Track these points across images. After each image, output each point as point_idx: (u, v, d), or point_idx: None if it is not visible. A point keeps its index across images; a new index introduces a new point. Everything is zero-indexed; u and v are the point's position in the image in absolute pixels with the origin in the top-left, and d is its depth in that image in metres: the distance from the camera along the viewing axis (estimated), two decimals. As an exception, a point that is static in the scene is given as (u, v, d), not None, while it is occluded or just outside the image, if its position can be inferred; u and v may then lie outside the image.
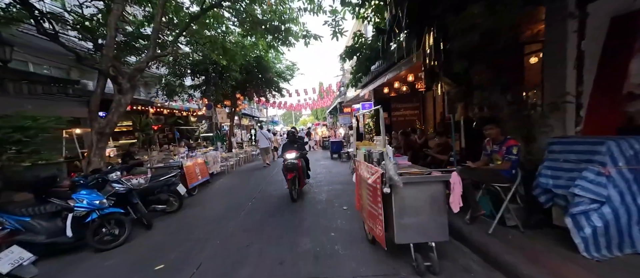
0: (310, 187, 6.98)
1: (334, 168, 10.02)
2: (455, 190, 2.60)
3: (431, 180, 2.69)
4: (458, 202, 2.62)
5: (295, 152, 5.82)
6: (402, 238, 2.73)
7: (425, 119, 10.54)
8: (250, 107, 26.55)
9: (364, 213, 3.48)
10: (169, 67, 12.55)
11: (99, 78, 6.49)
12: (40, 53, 8.41)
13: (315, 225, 4.24)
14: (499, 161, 3.25)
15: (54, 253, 3.66)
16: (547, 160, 3.04)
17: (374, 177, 2.84)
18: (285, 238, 3.80)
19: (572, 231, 2.62)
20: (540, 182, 2.99)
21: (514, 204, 3.27)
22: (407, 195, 2.69)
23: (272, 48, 9.60)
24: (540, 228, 3.17)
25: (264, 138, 12.59)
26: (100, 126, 6.27)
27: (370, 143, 4.09)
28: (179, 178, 6.17)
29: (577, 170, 2.71)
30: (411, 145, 6.52)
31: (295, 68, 16.21)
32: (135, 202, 4.41)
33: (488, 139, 3.46)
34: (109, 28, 6.26)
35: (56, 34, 5.85)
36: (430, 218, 2.70)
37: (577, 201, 2.63)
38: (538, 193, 3.08)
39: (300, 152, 6.03)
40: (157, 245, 3.92)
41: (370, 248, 3.31)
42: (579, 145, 2.81)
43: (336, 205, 5.24)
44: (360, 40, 6.83)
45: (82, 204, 3.63)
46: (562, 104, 3.38)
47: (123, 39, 8.79)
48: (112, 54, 6.43)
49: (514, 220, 3.24)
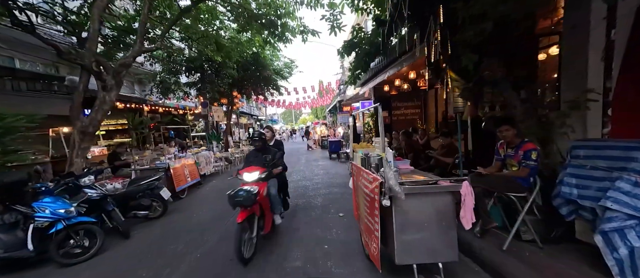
0: (305, 191, 6.58)
1: (332, 169, 9.64)
2: (466, 202, 2.22)
3: (438, 190, 2.30)
4: (470, 217, 2.24)
5: (259, 171, 3.53)
6: (403, 257, 2.34)
7: (427, 118, 10.19)
8: (249, 106, 26.20)
9: (361, 224, 3.10)
10: (163, 64, 12.20)
11: (82, 74, 6.12)
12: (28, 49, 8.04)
13: (309, 236, 3.86)
14: (515, 167, 2.86)
15: (13, 269, 3.28)
16: (570, 167, 2.65)
17: (371, 186, 2.46)
18: (274, 254, 3.41)
19: (604, 251, 2.23)
20: (563, 192, 2.60)
21: (530, 216, 2.88)
22: (411, 208, 2.30)
23: (268, 44, 9.21)
24: (562, 244, 2.78)
25: None
26: (83, 125, 5.91)
27: (369, 145, 3.70)
28: (165, 181, 5.80)
29: (609, 179, 2.32)
30: (413, 147, 6.13)
31: (294, 66, 15.88)
32: (110, 209, 4.03)
33: (502, 141, 3.06)
34: (92, 21, 5.89)
35: (33, 26, 5.47)
36: (437, 234, 2.32)
37: (609, 216, 2.24)
38: (559, 204, 2.69)
39: (269, 171, 3.67)
40: (131, 257, 3.53)
41: (367, 266, 2.92)
42: (610, 149, 2.42)
43: (332, 211, 4.86)
44: (359, 34, 6.42)
45: (45, 214, 3.24)
46: (585, 102, 2.99)
47: (112, 33, 8.42)
48: (95, 48, 6.07)
49: (530, 233, 2.86)
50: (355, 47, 6.43)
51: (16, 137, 4.23)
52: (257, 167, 3.62)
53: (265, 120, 33.23)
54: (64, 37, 8.21)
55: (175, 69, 12.47)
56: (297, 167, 10.70)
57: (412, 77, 7.74)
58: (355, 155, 3.44)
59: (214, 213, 5.18)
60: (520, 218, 2.76)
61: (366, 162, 2.94)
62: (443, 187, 2.29)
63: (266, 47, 11.40)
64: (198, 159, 8.05)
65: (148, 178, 4.87)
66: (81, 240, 3.49)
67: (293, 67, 15.77)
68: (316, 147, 18.71)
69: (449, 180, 2.37)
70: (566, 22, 3.36)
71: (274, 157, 3.87)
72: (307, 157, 14.15)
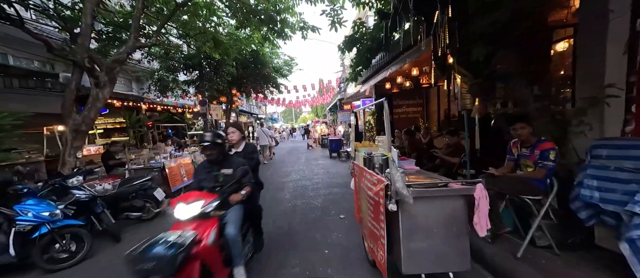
0: (305, 191, 6.38)
1: (332, 169, 9.45)
2: (481, 207, 2.02)
3: (449, 194, 2.10)
4: (485, 224, 2.03)
5: (204, 200, 2.31)
6: (411, 266, 2.14)
7: (429, 117, 10.00)
8: (248, 104, 25.98)
9: (364, 228, 2.90)
10: (161, 62, 12.01)
11: (74, 70, 5.93)
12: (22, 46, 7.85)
13: (308, 239, 3.66)
14: (530, 168, 2.66)
15: (-5, 275, 3.10)
16: (590, 167, 2.44)
17: (375, 189, 2.26)
18: (272, 258, 3.21)
19: (631, 260, 2.03)
20: (582, 195, 2.40)
21: (545, 220, 2.68)
22: (418, 213, 2.10)
23: (267, 41, 9.00)
24: (580, 251, 2.59)
25: (264, 135, 12.22)
26: (76, 123, 5.72)
27: (371, 144, 3.50)
28: (161, 180, 5.62)
29: (636, 181, 2.12)
30: (416, 146, 5.93)
31: (294, 63, 15.66)
32: (100, 210, 3.83)
33: (515, 140, 2.86)
34: (84, 15, 5.68)
35: (21, 20, 5.27)
36: (448, 241, 2.12)
37: (637, 222, 2.04)
38: (577, 208, 2.49)
39: (223, 199, 2.41)
40: (120, 263, 3.34)
41: (371, 272, 2.73)
42: (638, 149, 2.22)
43: (333, 212, 4.67)
44: (360, 29, 6.22)
45: (27, 217, 3.05)
46: (605, 97, 2.78)
47: (106, 29, 8.22)
48: (88, 43, 5.86)
49: (546, 239, 2.66)
50: (357, 43, 6.24)
51: (4, 136, 4.04)
52: (204, 194, 2.34)
53: (264, 119, 32.99)
54: (59, 33, 8.01)
55: (173, 67, 12.28)
56: (297, 166, 10.52)
57: (415, 73, 7.54)
58: (357, 154, 3.25)
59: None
60: (536, 223, 2.56)
61: (369, 162, 2.74)
62: (454, 190, 2.09)
63: (265, 44, 11.21)
64: (195, 158, 7.85)
65: (141, 178, 4.68)
66: (67, 244, 3.29)
67: (293, 64, 15.56)
68: (316, 145, 18.52)
69: (461, 182, 2.16)
70: (582, 12, 3.16)
71: (236, 175, 2.49)
72: (307, 155, 13.97)
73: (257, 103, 27.91)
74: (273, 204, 5.40)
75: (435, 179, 2.38)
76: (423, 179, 2.45)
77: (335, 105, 20.56)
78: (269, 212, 4.93)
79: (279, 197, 5.92)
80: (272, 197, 6.00)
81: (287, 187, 6.90)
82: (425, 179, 2.46)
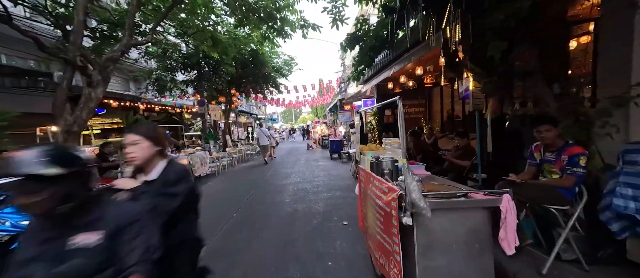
0: (305, 194, 6.14)
1: (333, 170, 9.20)
2: (508, 221, 1.77)
3: (471, 205, 1.86)
4: (513, 240, 1.79)
5: None
6: (427, 286, 1.90)
7: (432, 117, 9.79)
8: (248, 104, 25.74)
9: (370, 239, 2.66)
10: (159, 61, 11.79)
11: (66, 69, 5.69)
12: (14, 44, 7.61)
13: (309, 249, 3.40)
14: (556, 174, 2.41)
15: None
16: (623, 174, 2.21)
17: (386, 198, 2.02)
18: (271, 271, 2.96)
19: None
20: (615, 205, 2.17)
21: (572, 232, 2.44)
22: (436, 226, 1.86)
23: (267, 40, 8.77)
24: (611, 266, 2.35)
25: (264, 136, 12.04)
26: (67, 123, 5.49)
27: (378, 146, 3.26)
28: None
29: (681, 191, 1.89)
30: (422, 147, 5.69)
31: (294, 63, 15.45)
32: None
33: (537, 143, 2.62)
34: (77, 11, 5.45)
35: (9, 16, 5.04)
36: (469, 260, 1.87)
37: (684, 237, 1.80)
38: (608, 219, 2.26)
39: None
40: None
41: (380, 288, 2.49)
42: (682, 155, 1.98)
43: (335, 218, 4.42)
44: (363, 26, 5.98)
45: (5, 227, 2.81)
46: (631, 97, 2.55)
47: (101, 26, 7.99)
48: (80, 41, 5.64)
49: (572, 252, 2.42)
50: (359, 41, 5.99)
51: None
52: None
53: (264, 120, 32.73)
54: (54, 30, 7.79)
55: (171, 66, 12.06)
56: (297, 167, 10.28)
57: (419, 73, 7.30)
58: (362, 158, 3.01)
59: (205, 220, 4.71)
60: (563, 235, 2.32)
61: (377, 167, 2.51)
62: (477, 202, 1.85)
63: (265, 43, 10.97)
64: (192, 160, 7.61)
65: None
66: (49, 255, 3.04)
67: (293, 64, 15.35)
68: (316, 146, 18.27)
69: (484, 192, 1.92)
70: (605, 5, 2.93)
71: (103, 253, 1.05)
72: (307, 157, 13.73)
73: (257, 103, 27.66)
74: (273, 208, 5.16)
75: (453, 187, 2.14)
76: (438, 187, 2.22)
77: (335, 105, 20.32)
78: (269, 217, 4.71)
79: (279, 201, 5.68)
80: (272, 200, 5.77)
81: (287, 190, 6.66)
82: (440, 187, 2.22)
